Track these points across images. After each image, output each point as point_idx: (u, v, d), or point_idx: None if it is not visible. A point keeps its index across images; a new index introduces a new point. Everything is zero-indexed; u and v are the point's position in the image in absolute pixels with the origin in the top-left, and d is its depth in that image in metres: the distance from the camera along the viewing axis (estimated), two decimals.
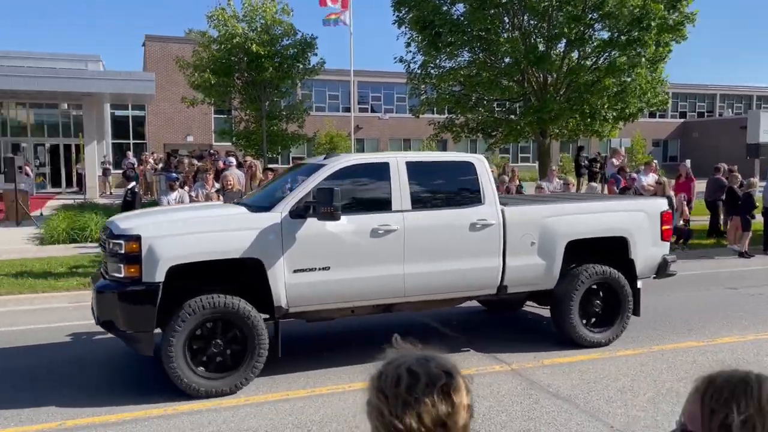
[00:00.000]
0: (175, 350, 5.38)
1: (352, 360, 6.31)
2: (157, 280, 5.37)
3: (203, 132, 34.54)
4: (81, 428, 4.89)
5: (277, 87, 18.35)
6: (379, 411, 1.19)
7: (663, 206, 7.31)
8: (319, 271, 5.84)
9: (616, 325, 6.88)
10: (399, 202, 6.15)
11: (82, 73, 24.32)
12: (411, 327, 7.38)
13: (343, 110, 39.16)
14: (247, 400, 5.41)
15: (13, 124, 28.07)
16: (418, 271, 6.14)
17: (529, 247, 6.55)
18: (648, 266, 7.11)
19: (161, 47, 33.24)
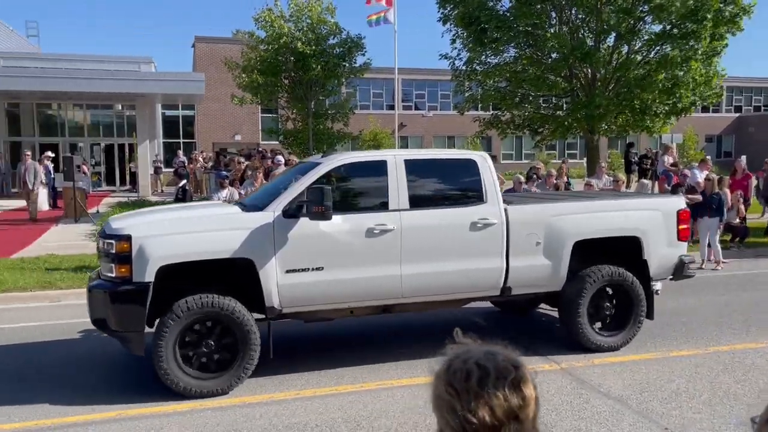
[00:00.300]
0: (165, 351, 5.33)
1: (398, 356, 6.36)
2: (147, 280, 5.33)
3: (251, 131, 35.14)
4: (144, 417, 5.07)
5: (323, 86, 18.53)
6: (450, 405, 1.21)
7: (679, 205, 6.96)
8: (312, 271, 5.73)
9: (628, 329, 6.60)
10: (396, 201, 6.00)
11: (136, 75, 25.06)
12: (453, 323, 7.38)
13: (387, 108, 39.27)
14: (297, 394, 5.51)
15: (71, 124, 29.11)
16: (416, 272, 5.97)
17: (534, 248, 6.33)
18: (663, 267, 6.80)
19: (210, 48, 33.95)
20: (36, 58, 29.33)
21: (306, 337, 7.22)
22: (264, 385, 5.71)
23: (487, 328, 7.54)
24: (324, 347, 6.89)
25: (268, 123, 30.77)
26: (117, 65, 26.64)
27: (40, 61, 27.84)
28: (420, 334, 7.25)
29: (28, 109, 27.77)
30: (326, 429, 4.78)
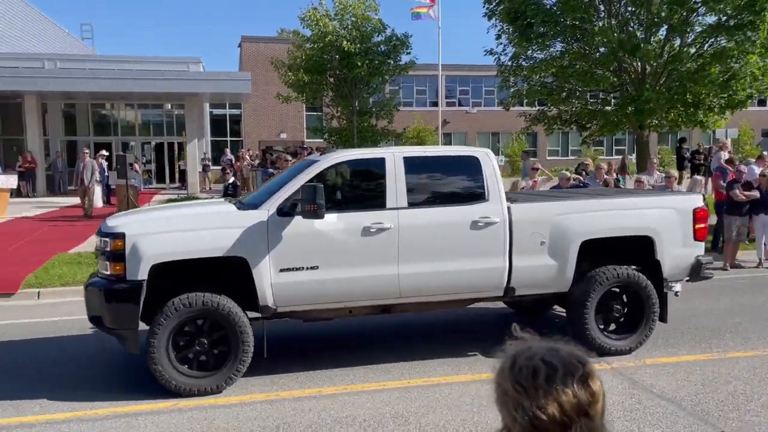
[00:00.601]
0: (158, 348, 5.34)
1: (442, 353, 6.36)
2: (140, 278, 5.34)
3: (296, 129, 35.55)
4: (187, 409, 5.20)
5: (368, 84, 18.61)
6: (517, 402, 1.21)
7: (696, 203, 6.67)
8: (306, 270, 5.65)
9: (639, 332, 6.36)
10: (394, 199, 5.90)
11: (185, 75, 25.64)
12: (496, 320, 7.32)
13: (431, 105, 39.13)
14: (346, 389, 5.57)
15: (123, 124, 29.98)
16: (414, 272, 5.86)
17: (538, 247, 6.16)
18: (679, 268, 6.54)
19: (256, 47, 34.46)
20: (90, 60, 30.32)
21: (352, 333, 7.28)
22: (313, 379, 5.79)
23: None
24: (372, 343, 6.94)
25: (313, 121, 31.07)
26: (167, 65, 27.31)
27: (94, 63, 28.76)
28: (462, 333, 7.23)
29: (83, 110, 28.72)
30: (374, 424, 4.81)
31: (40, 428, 4.85)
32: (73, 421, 4.96)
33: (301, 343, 6.98)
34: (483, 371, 5.92)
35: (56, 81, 23.33)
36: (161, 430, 4.78)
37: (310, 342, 6.99)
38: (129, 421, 4.94)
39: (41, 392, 5.56)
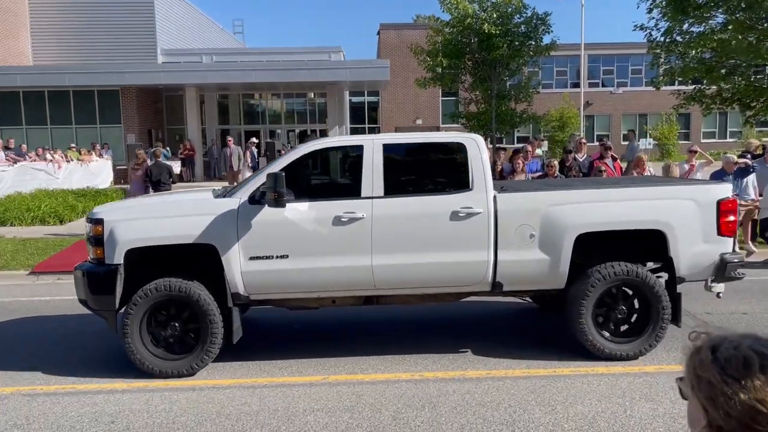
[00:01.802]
0: (131, 331, 5.52)
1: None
2: (116, 262, 5.52)
3: (432, 115, 35.68)
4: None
5: (507, 66, 18.21)
6: (729, 395, 1.15)
7: (720, 193, 5.83)
8: (276, 259, 5.59)
9: (646, 336, 5.76)
10: (370, 188, 5.68)
11: (326, 64, 26.63)
12: None
13: (572, 86, 37.58)
14: (488, 373, 5.55)
15: (270, 113, 31.74)
16: (388, 263, 5.61)
17: (527, 240, 5.67)
18: (698, 266, 5.81)
19: (394, 35, 34.93)
20: (242, 53, 32.38)
21: (510, 318, 7.23)
22: (457, 362, 5.84)
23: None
24: (517, 329, 6.85)
25: (449, 107, 31.00)
26: (310, 56, 28.50)
27: (245, 56, 30.70)
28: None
29: (235, 100, 30.76)
30: (519, 410, 4.76)
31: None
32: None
33: (449, 326, 7.05)
34: (631, 365, 5.66)
35: (213, 74, 25.22)
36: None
37: (459, 325, 7.04)
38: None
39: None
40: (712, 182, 6.71)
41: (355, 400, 5.03)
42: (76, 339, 6.94)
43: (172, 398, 5.14)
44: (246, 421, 4.67)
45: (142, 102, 26.75)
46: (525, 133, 31.87)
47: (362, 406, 4.92)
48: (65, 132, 25.41)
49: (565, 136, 28.05)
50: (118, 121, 26.09)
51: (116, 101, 26.05)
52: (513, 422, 4.56)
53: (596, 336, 5.74)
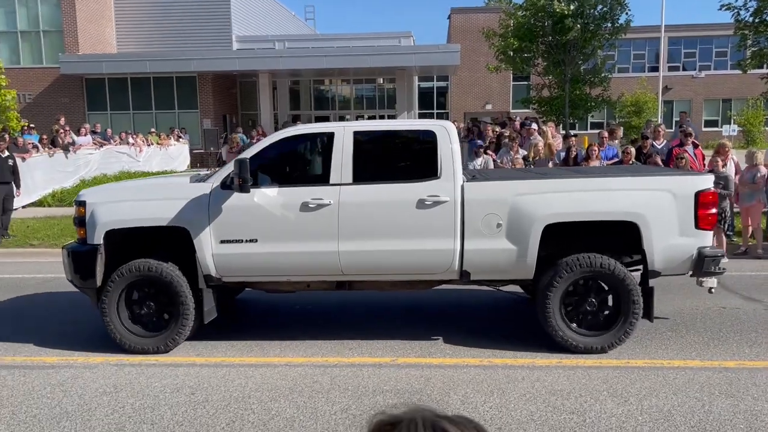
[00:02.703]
0: (109, 308, 5.78)
1: (667, 339, 5.94)
2: (96, 242, 5.77)
3: (502, 100, 35.11)
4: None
5: (582, 49, 17.65)
6: None
7: (699, 185, 5.58)
8: (246, 243, 5.72)
9: (616, 330, 5.61)
10: (339, 175, 5.71)
11: (396, 49, 26.60)
12: None
13: (650, 70, 36.05)
14: (559, 362, 5.49)
15: (339, 98, 32.05)
16: (355, 249, 5.65)
17: (494, 230, 5.59)
18: (674, 260, 5.59)
19: (465, 18, 34.49)
20: (313, 39, 32.78)
21: None
22: (526, 348, 5.79)
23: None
24: None
25: (520, 92, 30.42)
26: (380, 41, 28.53)
27: (316, 42, 31.07)
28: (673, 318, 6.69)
29: (306, 86, 31.24)
30: (590, 399, 4.69)
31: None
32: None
33: (525, 314, 7.00)
34: (711, 358, 5.47)
35: (285, 60, 25.69)
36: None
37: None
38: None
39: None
40: (692, 173, 6.40)
41: (423, 383, 5.09)
42: None
43: (247, 374, 5.35)
44: (317, 399, 4.81)
45: (218, 88, 27.55)
46: (599, 118, 30.88)
47: (431, 389, 4.97)
48: (146, 117, 26.52)
49: (641, 122, 27.02)
50: (194, 106, 26.99)
51: (193, 87, 26.95)
52: (583, 411, 4.51)
53: (563, 328, 5.66)
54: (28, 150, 14.60)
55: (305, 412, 4.60)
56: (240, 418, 4.53)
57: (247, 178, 5.50)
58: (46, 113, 24.44)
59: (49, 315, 7.29)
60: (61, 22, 26.32)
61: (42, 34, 26.72)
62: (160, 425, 4.42)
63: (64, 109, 24.11)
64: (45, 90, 26.71)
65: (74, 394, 5.00)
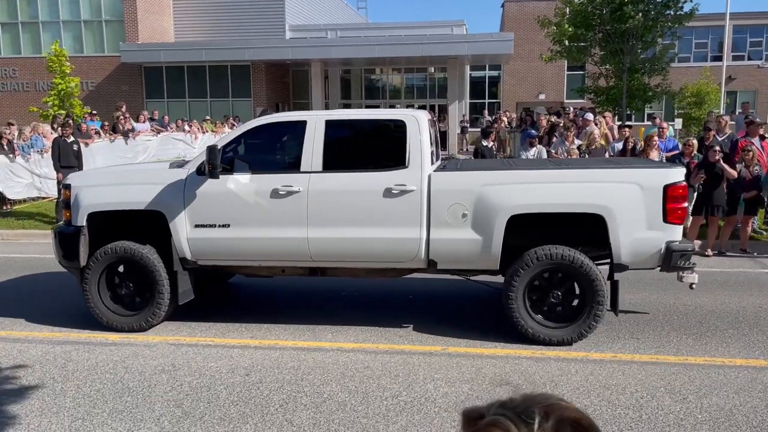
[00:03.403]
0: (90, 288, 6.07)
1: (729, 337, 5.75)
2: (80, 224, 6.07)
3: (555, 90, 34.40)
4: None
5: (642, 37, 17.08)
6: None
7: (668, 178, 5.45)
8: (219, 228, 5.89)
9: (580, 322, 5.56)
10: (309, 163, 5.82)
11: (448, 38, 26.36)
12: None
13: (712, 59, 34.68)
14: (614, 356, 5.38)
15: (390, 88, 32.02)
16: (323, 236, 5.77)
17: (460, 220, 5.61)
18: (641, 254, 5.50)
19: (519, 7, 33.88)
20: (365, 28, 32.78)
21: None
22: (579, 342, 5.70)
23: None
24: (662, 316, 6.58)
25: (575, 81, 29.79)
26: (432, 30, 28.30)
27: (368, 31, 31.06)
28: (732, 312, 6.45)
29: (357, 75, 31.31)
30: (647, 396, 4.59)
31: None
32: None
33: None
34: (760, 357, 5.27)
35: (337, 49, 25.79)
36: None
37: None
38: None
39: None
40: (662, 165, 6.17)
41: (474, 373, 5.07)
42: (214, 297, 7.49)
43: (300, 357, 5.44)
44: (369, 384, 4.85)
45: (270, 77, 27.90)
46: (657, 109, 29.93)
47: (482, 379, 4.95)
48: (201, 105, 27.12)
49: (702, 113, 26.05)
50: (248, 94, 27.43)
51: (247, 76, 27.38)
52: (640, 407, 4.41)
53: (527, 319, 5.65)
54: (91, 136, 15.12)
55: (356, 396, 4.64)
56: (293, 399, 4.61)
57: (216, 164, 5.70)
58: (106, 100, 25.26)
59: None
60: (123, 11, 27.10)
61: (104, 24, 27.58)
62: (216, 404, 4.55)
63: (124, 97, 24.88)
64: (106, 78, 27.59)
65: (135, 370, 5.19)
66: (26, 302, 6.38)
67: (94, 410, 4.48)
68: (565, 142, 11.28)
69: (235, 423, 4.26)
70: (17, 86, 27.91)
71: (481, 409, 1.00)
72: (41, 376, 5.09)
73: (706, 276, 8.20)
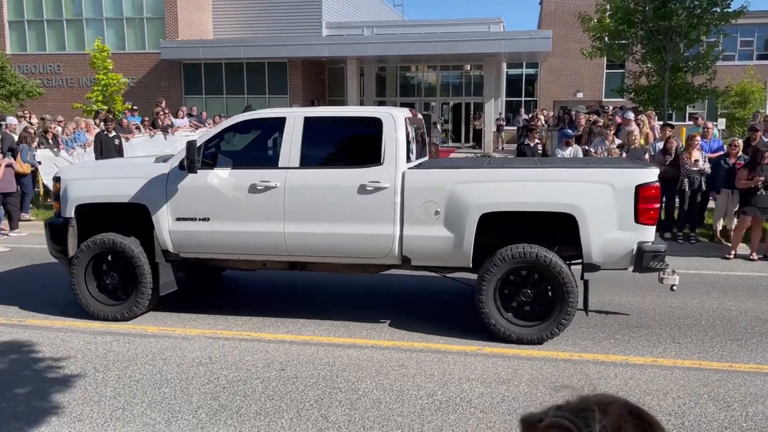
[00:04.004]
0: (77, 277, 6.28)
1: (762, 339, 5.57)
2: (68, 215, 6.31)
3: (593, 88, 33.82)
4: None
5: (686, 35, 16.64)
6: None
7: (640, 178, 5.40)
8: (199, 221, 6.03)
9: (550, 321, 5.54)
10: (287, 159, 5.91)
11: (485, 35, 26.14)
12: None
13: (758, 58, 33.73)
14: (654, 361, 5.26)
15: (425, 85, 31.92)
16: (299, 231, 5.86)
17: (432, 217, 5.64)
18: (613, 254, 5.45)
19: (558, 3, 33.39)
20: (401, 25, 32.75)
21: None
22: (618, 346, 5.59)
23: None
24: (692, 322, 6.42)
25: (612, 80, 29.28)
26: (469, 27, 28.11)
27: (404, 28, 31.02)
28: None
29: (392, 72, 31.29)
30: (690, 402, 4.47)
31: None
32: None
33: (620, 315, 6.78)
34: None
35: (373, 46, 25.82)
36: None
37: (638, 313, 6.74)
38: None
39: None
40: (636, 165, 6.02)
41: (511, 374, 5.01)
42: (251, 291, 7.57)
43: (334, 353, 5.45)
44: (404, 382, 4.84)
45: (307, 74, 28.07)
46: (699, 109, 29.18)
47: (518, 380, 4.89)
48: (238, 101, 27.41)
49: (746, 113, 25.32)
50: (284, 91, 27.64)
51: (283, 73, 27.59)
52: (682, 414, 4.30)
53: (497, 317, 5.65)
54: (132, 131, 15.41)
55: (391, 394, 4.63)
56: (328, 395, 4.62)
57: (194, 159, 5.85)
58: (146, 96, 25.73)
59: None
60: (163, 9, 27.56)
61: (145, 21, 28.11)
62: (252, 398, 4.58)
63: (164, 93, 25.31)
64: (146, 74, 28.12)
65: (173, 362, 5.26)
66: (69, 293, 6.53)
67: (134, 400, 4.56)
68: (605, 141, 11.07)
69: (270, 417, 4.29)
70: (61, 82, 28.65)
71: (538, 414, 1.00)
72: (83, 366, 5.20)
73: (752, 280, 7.97)
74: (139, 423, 4.23)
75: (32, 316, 6.51)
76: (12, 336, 5.94)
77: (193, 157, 5.84)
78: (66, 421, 4.26)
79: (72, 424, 4.21)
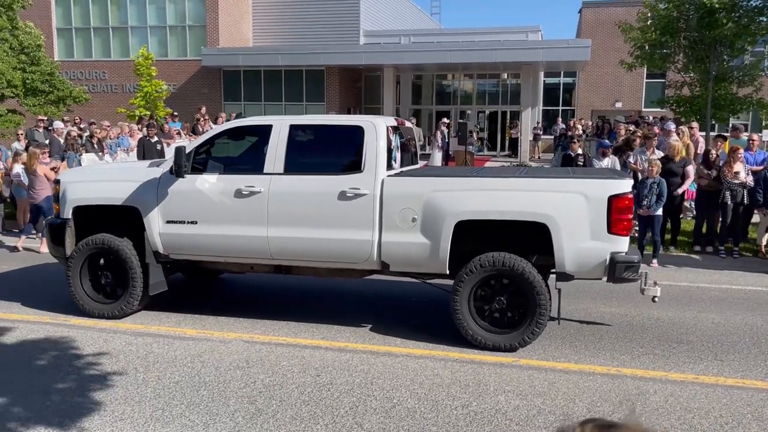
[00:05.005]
0: (72, 276, 6.50)
1: None
2: (66, 216, 6.57)
3: (632, 98, 33.29)
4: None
5: (732, 45, 16.25)
6: None
7: (613, 188, 5.42)
8: (187, 224, 6.24)
9: (523, 329, 5.59)
10: (272, 165, 6.09)
11: (523, 44, 25.99)
12: None
13: None
14: (696, 378, 5.14)
15: (461, 93, 31.83)
16: (282, 235, 6.02)
17: (409, 224, 5.76)
18: (585, 264, 5.48)
19: (596, 13, 33.01)
20: (437, 34, 32.79)
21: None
22: (658, 361, 5.48)
23: None
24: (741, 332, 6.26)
25: (652, 90, 28.79)
26: (506, 35, 27.98)
27: (441, 36, 31.05)
28: None
29: (428, 80, 31.31)
30: (732, 422, 4.36)
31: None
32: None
33: (649, 326, 6.65)
34: None
35: (410, 54, 25.89)
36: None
37: (664, 326, 6.61)
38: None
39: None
40: (610, 176, 5.93)
41: (547, 387, 4.96)
42: (288, 296, 7.65)
43: (369, 361, 5.47)
44: (438, 392, 4.83)
45: (344, 81, 28.28)
46: (744, 120, 28.44)
47: (555, 394, 4.83)
48: (276, 108, 27.76)
49: None
50: (321, 99, 27.88)
51: (321, 80, 27.85)
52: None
53: (471, 324, 5.71)
54: (173, 136, 15.75)
55: (426, 404, 4.63)
56: (363, 403, 4.64)
57: (181, 165, 6.08)
58: (187, 102, 26.26)
59: (189, 292, 7.86)
60: (205, 17, 28.13)
61: (187, 29, 28.71)
62: (288, 402, 4.63)
63: (204, 99, 25.80)
64: (187, 81, 28.69)
65: (211, 365, 5.35)
66: None
67: (173, 401, 4.65)
68: (645, 152, 10.88)
69: (306, 423, 4.32)
70: (106, 88, 29.42)
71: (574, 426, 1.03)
72: (124, 365, 5.33)
73: None
74: (178, 424, 4.31)
75: (76, 316, 6.69)
76: (57, 333, 6.13)
77: (181, 162, 6.08)
78: (108, 420, 4.36)
79: (114, 423, 4.32)
